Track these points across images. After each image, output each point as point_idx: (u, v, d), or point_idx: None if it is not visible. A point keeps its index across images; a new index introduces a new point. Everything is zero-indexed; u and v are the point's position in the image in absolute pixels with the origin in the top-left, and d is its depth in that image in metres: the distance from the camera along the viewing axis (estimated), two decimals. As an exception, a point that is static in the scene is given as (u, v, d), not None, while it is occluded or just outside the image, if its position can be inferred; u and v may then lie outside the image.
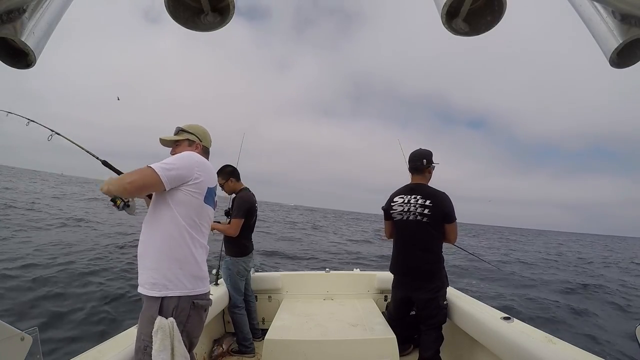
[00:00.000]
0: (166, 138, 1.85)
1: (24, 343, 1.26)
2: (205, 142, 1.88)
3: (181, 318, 1.52)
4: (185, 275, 1.55)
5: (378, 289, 3.50)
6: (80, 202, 20.88)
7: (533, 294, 7.88)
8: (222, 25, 0.76)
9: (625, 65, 0.72)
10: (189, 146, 1.83)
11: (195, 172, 1.60)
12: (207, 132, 1.91)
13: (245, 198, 3.12)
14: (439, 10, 0.71)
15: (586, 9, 0.73)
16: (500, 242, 30.78)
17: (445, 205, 2.49)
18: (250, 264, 3.19)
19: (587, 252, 25.80)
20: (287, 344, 2.38)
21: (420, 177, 2.63)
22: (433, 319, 2.53)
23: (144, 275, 1.55)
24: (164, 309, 1.49)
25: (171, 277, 1.52)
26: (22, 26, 0.66)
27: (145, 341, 1.48)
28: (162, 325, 1.44)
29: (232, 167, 3.22)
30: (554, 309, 6.58)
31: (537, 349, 1.83)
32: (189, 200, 1.59)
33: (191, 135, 1.84)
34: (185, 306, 1.54)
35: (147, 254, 1.56)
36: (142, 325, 1.53)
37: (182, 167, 1.58)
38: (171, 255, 1.54)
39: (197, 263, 1.61)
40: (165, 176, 1.51)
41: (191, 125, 1.88)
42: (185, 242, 1.57)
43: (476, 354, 2.53)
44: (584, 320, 6.15)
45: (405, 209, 2.56)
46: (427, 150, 2.66)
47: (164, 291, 1.51)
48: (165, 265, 1.53)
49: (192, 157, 1.65)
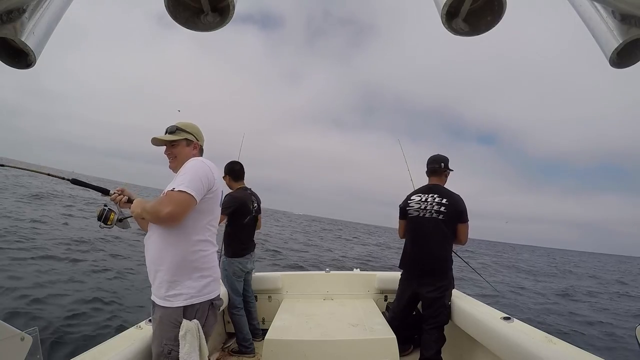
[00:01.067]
0: (162, 138, 1.74)
1: (24, 343, 1.26)
2: (201, 140, 1.82)
3: (201, 320, 1.55)
4: (205, 282, 1.57)
5: (378, 289, 3.50)
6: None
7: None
8: (222, 25, 0.76)
9: (625, 65, 0.72)
10: (187, 146, 1.75)
11: (214, 179, 1.59)
12: (201, 130, 1.84)
13: (235, 196, 3.07)
14: (439, 11, 0.71)
15: (586, 9, 0.73)
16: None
17: (460, 205, 2.63)
18: (249, 265, 3.14)
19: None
20: (287, 344, 2.38)
21: (437, 178, 2.76)
22: (436, 319, 2.56)
23: (163, 288, 1.54)
24: (187, 314, 1.51)
25: (193, 287, 1.54)
26: (22, 26, 0.66)
27: (168, 345, 1.49)
28: (190, 328, 1.46)
29: (234, 166, 3.18)
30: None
31: (537, 349, 1.82)
32: (208, 209, 1.60)
33: (189, 135, 1.76)
34: (205, 308, 1.57)
35: (165, 267, 1.54)
36: (165, 330, 1.52)
37: (206, 180, 1.55)
38: (192, 266, 1.54)
39: (214, 266, 1.64)
40: (199, 197, 1.50)
41: (186, 123, 1.79)
42: (204, 250, 1.58)
43: (476, 354, 2.53)
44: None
45: (422, 207, 2.66)
46: (444, 156, 2.80)
47: (189, 300, 1.52)
48: (187, 276, 1.53)
49: (205, 166, 1.60)
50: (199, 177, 1.52)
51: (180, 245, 1.54)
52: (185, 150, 1.74)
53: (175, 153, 1.73)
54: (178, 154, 1.72)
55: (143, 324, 1.90)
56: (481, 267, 15.23)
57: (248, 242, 3.16)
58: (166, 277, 1.53)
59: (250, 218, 3.14)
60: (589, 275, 21.67)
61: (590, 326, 7.18)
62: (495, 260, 25.31)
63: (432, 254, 2.61)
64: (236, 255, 3.07)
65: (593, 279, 19.27)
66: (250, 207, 3.13)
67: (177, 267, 1.53)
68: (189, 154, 1.73)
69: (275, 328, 2.58)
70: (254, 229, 3.25)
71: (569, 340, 1.87)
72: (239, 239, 3.10)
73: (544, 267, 24.43)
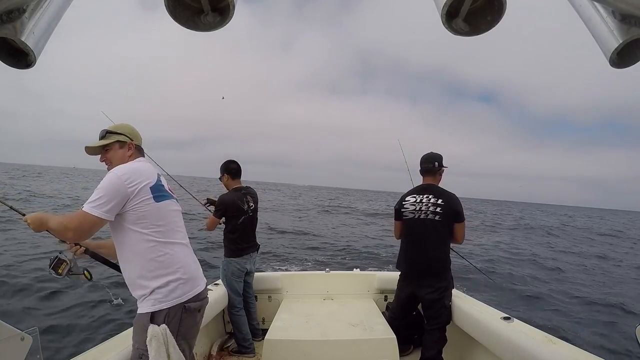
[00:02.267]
0: (93, 145, 1.65)
1: (24, 343, 1.26)
2: (137, 140, 1.72)
3: (173, 324, 1.49)
4: (174, 285, 1.51)
5: (378, 289, 3.50)
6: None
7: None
8: (222, 25, 0.76)
9: (625, 65, 0.72)
10: (121, 148, 1.66)
11: (127, 188, 1.47)
12: (135, 129, 1.74)
13: (225, 199, 3.09)
14: (439, 10, 0.71)
15: (586, 9, 0.73)
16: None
17: (456, 204, 2.59)
18: (248, 265, 3.13)
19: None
20: (287, 344, 2.38)
21: (431, 178, 2.72)
22: (437, 319, 2.56)
23: (133, 291, 1.55)
24: (155, 320, 1.48)
25: (160, 292, 1.49)
26: (22, 26, 0.66)
27: (140, 349, 1.48)
28: (155, 333, 1.43)
29: (229, 165, 3.17)
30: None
31: (537, 349, 1.83)
32: (143, 213, 1.50)
33: (120, 136, 1.66)
34: (177, 312, 1.51)
35: (129, 276, 1.55)
36: (136, 334, 1.52)
37: (113, 193, 1.45)
38: (152, 274, 1.50)
39: (182, 267, 1.55)
40: (101, 213, 1.42)
41: (117, 125, 1.71)
42: (162, 253, 1.51)
43: (476, 354, 2.53)
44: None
45: (417, 208, 2.63)
46: (438, 154, 2.77)
47: (155, 305, 1.49)
48: (149, 284, 1.50)
49: (114, 175, 1.48)
50: (108, 192, 1.44)
51: (133, 255, 1.51)
52: (119, 153, 1.65)
53: (110, 158, 1.65)
54: (112, 158, 1.65)
55: None
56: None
57: (245, 242, 3.13)
58: (131, 283, 1.54)
59: (245, 218, 3.11)
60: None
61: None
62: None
63: (430, 256, 2.60)
64: (233, 255, 3.07)
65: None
66: (242, 207, 3.10)
67: (139, 277, 1.51)
68: (124, 156, 1.65)
69: (275, 328, 2.58)
70: (251, 229, 3.22)
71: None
72: (234, 239, 3.09)
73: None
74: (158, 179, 1.60)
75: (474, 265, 4.09)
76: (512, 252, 12.75)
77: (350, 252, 10.59)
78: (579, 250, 14.80)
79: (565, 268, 10.43)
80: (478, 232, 18.06)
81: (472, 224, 20.98)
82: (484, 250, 12.34)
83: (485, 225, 22.91)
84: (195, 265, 1.67)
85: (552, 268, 10.33)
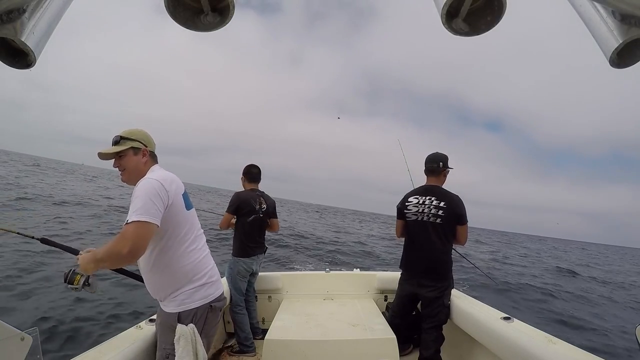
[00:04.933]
0: (107, 151, 1.63)
1: (24, 343, 1.26)
2: (151, 146, 1.70)
3: (199, 323, 1.55)
4: (198, 289, 1.57)
5: (378, 289, 3.50)
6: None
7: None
8: (222, 25, 0.76)
9: (625, 65, 0.72)
10: (135, 155, 1.63)
11: (168, 193, 1.48)
12: (149, 135, 1.72)
13: (238, 195, 3.18)
14: (439, 11, 0.71)
15: (586, 9, 0.73)
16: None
17: (459, 207, 2.58)
18: (254, 266, 3.16)
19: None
20: (287, 344, 2.38)
21: (435, 179, 2.70)
22: (435, 318, 2.56)
23: (157, 295, 1.60)
24: (182, 319, 1.52)
25: (187, 294, 1.55)
26: (22, 26, 0.66)
27: (166, 349, 1.51)
28: (184, 332, 1.47)
29: (250, 169, 3.27)
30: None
31: (537, 349, 1.82)
32: (173, 222, 1.52)
33: (135, 142, 1.63)
34: (204, 312, 1.57)
35: (159, 283, 1.58)
36: (163, 334, 1.56)
37: (156, 198, 1.44)
38: (183, 279, 1.55)
39: (205, 271, 1.61)
40: (152, 218, 1.40)
41: (131, 130, 1.68)
42: (187, 261, 1.56)
43: (476, 354, 2.53)
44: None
45: (419, 210, 2.62)
46: (443, 154, 2.74)
47: (182, 306, 1.54)
48: (180, 286, 1.55)
49: (154, 182, 1.48)
50: (150, 199, 1.42)
51: (166, 265, 1.53)
52: (134, 160, 1.63)
53: (124, 164, 1.63)
54: (126, 164, 1.63)
55: (143, 324, 1.91)
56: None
57: (252, 242, 3.17)
58: (161, 290, 1.58)
59: (254, 218, 3.16)
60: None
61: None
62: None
63: (432, 258, 2.60)
64: (241, 254, 3.11)
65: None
66: (254, 207, 3.16)
67: (169, 284, 1.56)
68: (138, 163, 1.63)
69: (276, 328, 2.58)
70: (260, 231, 3.25)
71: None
72: (242, 238, 3.14)
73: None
74: (184, 189, 1.65)
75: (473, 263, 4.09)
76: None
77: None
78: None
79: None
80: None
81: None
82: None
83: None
84: (215, 269, 1.72)
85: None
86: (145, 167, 1.64)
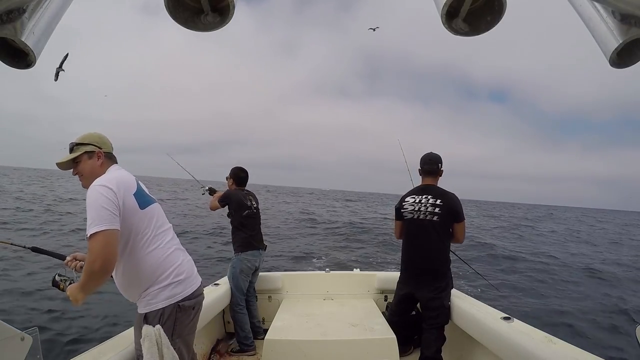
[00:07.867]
0: (63, 160, 1.61)
1: (24, 343, 1.26)
2: (106, 147, 1.66)
3: (169, 324, 1.51)
4: (163, 289, 1.53)
5: (378, 289, 3.50)
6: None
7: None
8: (222, 25, 0.76)
9: (625, 65, 0.72)
10: (90, 159, 1.61)
11: (113, 198, 1.44)
12: (103, 136, 1.69)
13: (231, 192, 3.26)
14: (439, 10, 0.71)
15: (586, 9, 0.73)
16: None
17: (455, 204, 2.60)
18: (257, 262, 3.19)
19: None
20: (287, 344, 2.38)
21: (432, 179, 2.74)
22: (436, 319, 2.56)
23: (130, 298, 1.60)
24: (149, 320, 1.50)
25: (151, 297, 1.52)
26: (22, 26, 0.66)
27: (138, 351, 1.50)
28: (148, 333, 1.43)
29: (239, 173, 3.30)
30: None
31: (537, 349, 1.82)
32: (127, 225, 1.48)
33: (88, 147, 1.61)
34: (171, 312, 1.53)
35: (124, 287, 1.59)
36: (135, 336, 1.57)
37: (106, 203, 1.41)
38: (146, 280, 1.52)
39: (171, 269, 1.56)
40: (108, 224, 1.38)
41: (84, 135, 1.66)
42: (149, 261, 1.52)
43: (476, 354, 2.53)
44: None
45: (416, 208, 2.65)
46: (438, 155, 2.80)
47: (148, 307, 1.52)
48: (143, 288, 1.53)
49: (98, 188, 1.44)
50: (101, 205, 1.39)
51: (127, 266, 1.53)
52: (89, 164, 1.61)
53: (81, 170, 1.61)
54: (83, 170, 1.61)
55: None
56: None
57: (255, 234, 3.24)
58: (127, 290, 1.59)
59: (249, 212, 3.23)
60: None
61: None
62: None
63: (429, 257, 2.62)
64: (244, 249, 3.13)
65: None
66: (245, 203, 3.23)
67: (131, 284, 1.56)
68: (94, 166, 1.61)
69: (276, 328, 2.58)
70: (258, 225, 3.32)
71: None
72: (242, 231, 3.18)
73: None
74: (138, 185, 1.61)
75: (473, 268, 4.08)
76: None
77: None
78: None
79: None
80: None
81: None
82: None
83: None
84: (189, 264, 1.67)
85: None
86: (102, 169, 1.61)
